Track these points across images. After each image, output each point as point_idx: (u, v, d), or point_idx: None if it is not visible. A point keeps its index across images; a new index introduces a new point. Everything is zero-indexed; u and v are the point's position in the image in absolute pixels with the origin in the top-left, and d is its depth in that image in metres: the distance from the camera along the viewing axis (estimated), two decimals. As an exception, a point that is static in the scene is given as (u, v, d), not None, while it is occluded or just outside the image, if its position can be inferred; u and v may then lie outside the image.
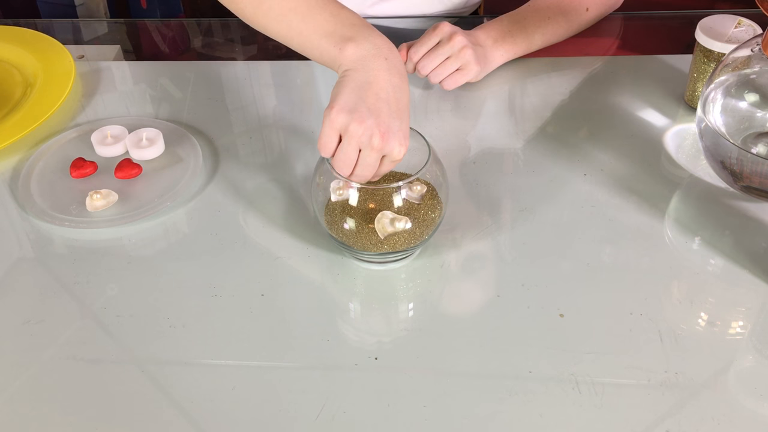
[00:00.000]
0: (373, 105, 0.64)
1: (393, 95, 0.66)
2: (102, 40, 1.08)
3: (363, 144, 0.64)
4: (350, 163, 0.65)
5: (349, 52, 0.67)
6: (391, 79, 0.66)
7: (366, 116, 0.63)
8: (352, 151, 0.64)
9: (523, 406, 0.59)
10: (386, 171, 0.67)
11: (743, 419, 0.58)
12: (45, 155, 0.84)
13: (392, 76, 0.66)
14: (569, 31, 0.97)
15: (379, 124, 0.64)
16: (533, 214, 0.76)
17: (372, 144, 0.63)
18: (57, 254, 0.74)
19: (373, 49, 0.67)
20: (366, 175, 0.66)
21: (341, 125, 0.64)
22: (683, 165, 0.82)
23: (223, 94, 0.94)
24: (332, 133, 0.64)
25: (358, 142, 0.63)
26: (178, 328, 0.66)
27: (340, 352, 0.64)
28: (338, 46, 0.68)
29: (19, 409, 0.60)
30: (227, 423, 0.59)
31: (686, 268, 0.70)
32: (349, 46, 0.67)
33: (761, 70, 0.75)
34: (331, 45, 0.69)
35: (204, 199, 0.79)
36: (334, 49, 0.68)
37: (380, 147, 0.64)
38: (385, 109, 0.65)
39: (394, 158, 0.65)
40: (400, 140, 0.65)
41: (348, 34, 0.68)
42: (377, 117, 0.64)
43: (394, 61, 0.68)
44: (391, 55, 0.68)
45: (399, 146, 0.65)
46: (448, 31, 0.87)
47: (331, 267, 0.71)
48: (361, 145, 0.64)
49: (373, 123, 0.63)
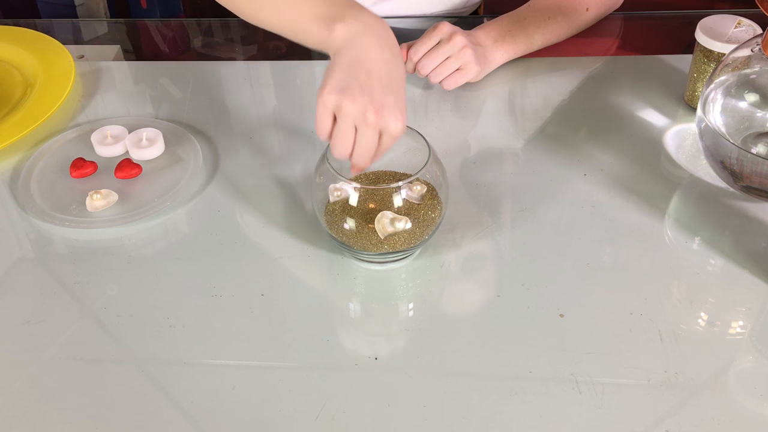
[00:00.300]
0: (365, 82, 0.63)
1: (385, 70, 0.65)
2: (102, 40, 1.08)
3: (358, 121, 0.63)
4: (348, 143, 0.64)
5: (338, 32, 0.67)
6: (382, 55, 0.65)
7: (358, 94, 0.63)
8: (347, 129, 0.63)
9: (523, 406, 0.59)
10: (387, 148, 0.66)
11: (743, 419, 0.58)
12: (45, 155, 0.84)
13: (383, 51, 0.66)
14: (569, 31, 0.97)
15: (373, 100, 0.63)
16: (533, 214, 0.76)
17: (367, 120, 0.62)
18: (57, 254, 0.74)
19: (363, 27, 0.66)
20: (365, 156, 0.65)
21: (334, 105, 0.63)
22: (683, 165, 0.82)
23: (223, 94, 0.94)
24: (325, 113, 0.63)
25: (353, 120, 0.63)
26: (178, 328, 0.66)
27: (340, 352, 0.64)
28: (328, 27, 0.67)
29: (19, 409, 0.60)
30: (227, 423, 0.59)
31: (686, 268, 0.70)
32: (338, 26, 0.67)
33: (761, 70, 0.75)
34: (321, 27, 0.68)
35: (204, 199, 0.79)
36: (324, 30, 0.68)
37: (375, 123, 0.63)
38: (377, 85, 0.64)
39: (392, 133, 0.64)
40: (395, 114, 0.63)
41: (337, 14, 0.68)
42: (370, 93, 0.63)
43: (384, 36, 0.67)
44: (382, 31, 0.67)
45: (395, 121, 0.63)
46: (448, 31, 0.87)
47: (331, 267, 0.71)
48: (356, 123, 0.63)
49: (366, 99, 0.62)
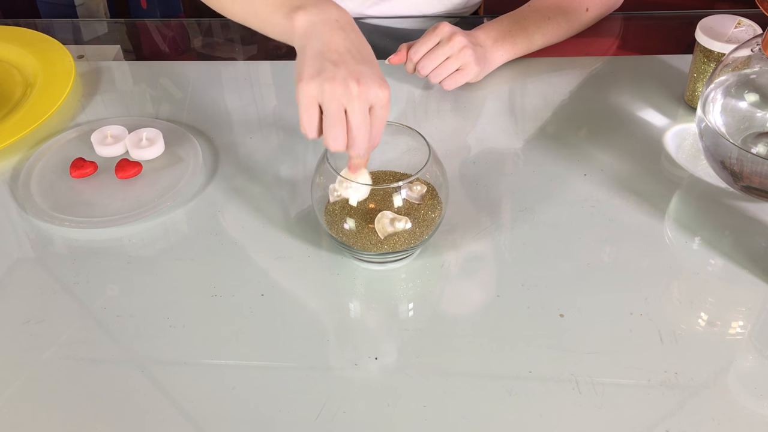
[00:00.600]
0: (338, 59, 0.63)
1: (354, 47, 0.65)
2: (102, 40, 1.08)
3: (344, 98, 0.62)
4: (341, 129, 0.63)
5: (299, 21, 0.67)
6: (347, 36, 0.65)
7: (334, 71, 0.62)
8: (336, 112, 0.62)
9: (523, 406, 0.59)
10: (381, 124, 0.65)
11: (743, 419, 0.58)
12: (45, 155, 0.84)
13: (348, 33, 0.66)
14: (569, 31, 0.97)
15: (351, 72, 0.62)
16: (533, 214, 0.76)
17: (351, 93, 0.62)
18: (57, 254, 0.74)
19: (322, 14, 0.67)
20: (362, 138, 0.63)
21: (315, 92, 0.62)
22: (683, 165, 0.82)
23: (223, 94, 0.94)
24: (309, 104, 0.63)
25: (339, 99, 0.62)
26: (178, 328, 0.66)
27: (340, 352, 0.64)
28: (288, 16, 0.68)
29: (19, 409, 0.60)
30: (227, 423, 0.59)
31: (686, 268, 0.70)
32: (298, 14, 0.67)
33: (761, 70, 0.75)
34: (281, 17, 0.69)
35: (204, 199, 0.79)
36: (285, 20, 0.68)
37: (360, 93, 0.62)
38: (350, 59, 0.63)
39: (380, 101, 0.63)
40: (376, 81, 0.63)
41: (297, 3, 0.68)
42: (346, 67, 0.63)
43: (345, 20, 0.67)
44: (341, 17, 0.67)
45: (379, 88, 0.63)
46: (448, 32, 0.87)
47: (331, 267, 0.71)
48: (343, 101, 0.62)
49: (344, 73, 0.62)
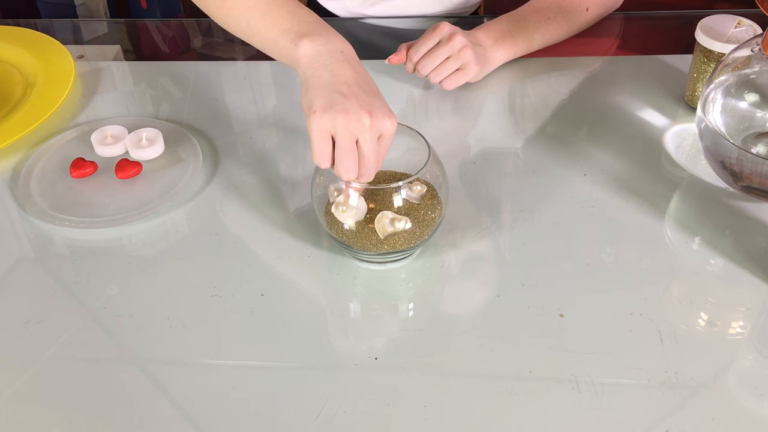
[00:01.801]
0: (348, 92, 0.64)
1: (362, 80, 0.66)
2: (102, 40, 1.08)
3: (356, 130, 0.63)
4: (354, 158, 0.64)
5: (303, 49, 0.68)
6: (353, 68, 0.67)
7: (347, 105, 0.63)
8: (349, 144, 0.63)
9: (523, 406, 0.59)
10: (385, 152, 0.66)
11: (743, 419, 0.58)
12: (45, 155, 0.84)
13: (353, 66, 0.67)
14: (569, 31, 0.97)
15: (362, 105, 0.63)
16: (533, 214, 0.76)
17: (364, 125, 0.63)
18: (57, 254, 0.74)
19: (328, 44, 0.68)
20: (372, 167, 0.65)
21: (328, 125, 0.63)
22: (683, 165, 0.82)
23: (223, 94, 0.94)
24: (323, 137, 0.64)
25: (352, 131, 0.63)
26: (178, 328, 0.66)
27: (340, 352, 0.64)
28: (294, 42, 0.69)
29: (19, 409, 0.60)
30: (227, 423, 0.59)
31: (686, 268, 0.70)
32: (303, 42, 0.68)
33: (761, 70, 0.75)
34: (287, 41, 0.69)
35: (204, 199, 0.79)
36: (290, 45, 0.69)
37: (372, 125, 0.63)
38: (360, 92, 0.65)
39: (388, 132, 0.64)
40: (386, 113, 0.64)
41: (303, 30, 0.69)
42: (357, 99, 0.64)
43: (349, 53, 0.68)
44: (345, 49, 0.68)
45: (387, 119, 0.64)
46: (447, 31, 0.87)
47: (331, 267, 0.71)
48: (355, 133, 0.63)
49: (356, 106, 0.63)
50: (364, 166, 0.65)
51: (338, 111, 0.63)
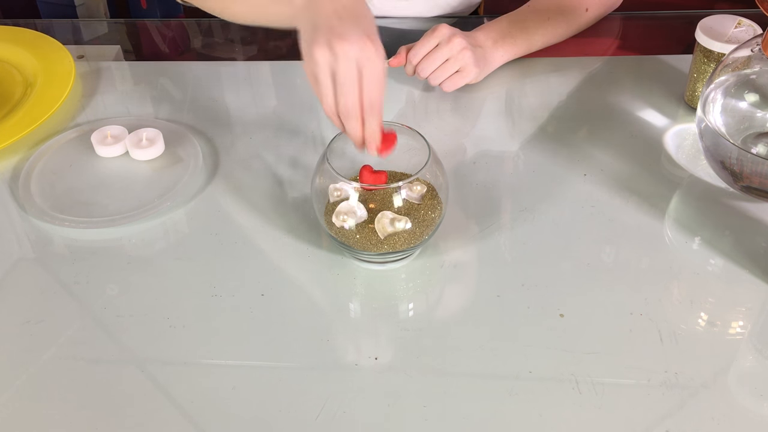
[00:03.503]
0: (324, 25, 0.62)
1: (342, 8, 0.64)
2: (102, 40, 1.08)
3: (330, 61, 0.61)
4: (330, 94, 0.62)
5: (297, 3, 0.67)
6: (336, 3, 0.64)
7: (320, 37, 0.62)
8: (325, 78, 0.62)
9: (523, 406, 0.59)
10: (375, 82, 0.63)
11: (743, 419, 0.58)
12: (45, 155, 0.84)
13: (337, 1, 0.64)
14: (569, 31, 0.97)
15: (333, 33, 0.61)
16: (533, 214, 0.76)
17: (336, 54, 0.61)
18: (57, 254, 0.74)
19: None
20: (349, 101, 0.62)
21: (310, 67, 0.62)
22: (683, 165, 0.82)
23: (223, 94, 0.94)
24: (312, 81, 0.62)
25: (325, 63, 0.61)
26: (178, 328, 0.66)
27: (340, 352, 0.64)
28: (289, 2, 0.68)
29: (19, 409, 0.60)
30: (227, 423, 0.59)
31: (686, 268, 0.70)
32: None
33: (761, 70, 0.75)
34: (283, 5, 0.69)
35: (204, 199, 0.79)
36: (287, 8, 0.68)
37: (345, 51, 0.61)
38: (336, 22, 0.62)
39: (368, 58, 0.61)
40: (361, 38, 0.61)
41: None
42: (330, 31, 0.62)
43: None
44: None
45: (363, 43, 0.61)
46: (446, 33, 0.86)
47: (331, 267, 0.71)
48: (331, 66, 0.61)
49: (328, 37, 0.61)
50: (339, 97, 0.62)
51: (313, 47, 0.61)
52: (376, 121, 0.64)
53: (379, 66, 0.62)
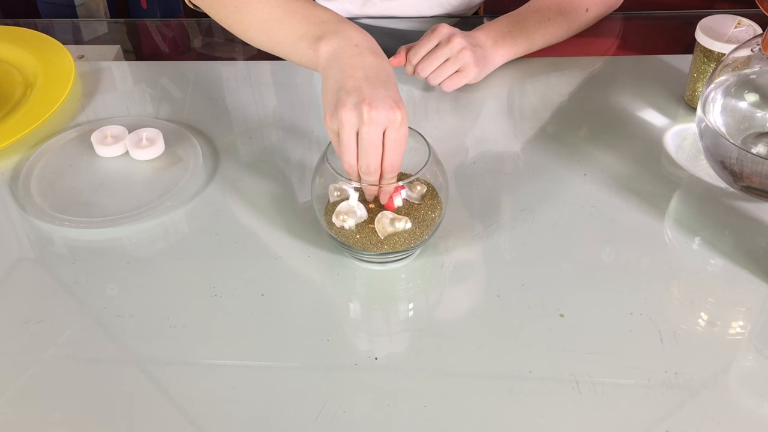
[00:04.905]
0: (352, 87, 0.63)
1: (371, 71, 0.65)
2: (102, 40, 1.08)
3: (356, 123, 0.62)
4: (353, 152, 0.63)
5: (322, 51, 0.68)
6: (364, 61, 0.66)
7: (348, 99, 0.63)
8: (348, 139, 0.63)
9: (523, 406, 0.59)
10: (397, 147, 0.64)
11: (743, 419, 0.58)
12: (45, 155, 0.84)
13: (365, 58, 0.66)
14: (569, 31, 0.97)
15: (363, 98, 0.62)
16: (533, 214, 0.76)
17: (362, 117, 0.62)
18: (57, 254, 0.74)
19: (343, 41, 0.67)
20: (372, 163, 0.64)
21: (335, 125, 0.63)
22: (683, 165, 0.82)
23: (223, 94, 0.94)
24: (335, 138, 0.64)
25: (351, 125, 0.62)
26: (178, 328, 0.66)
27: (340, 352, 0.64)
28: (312, 47, 0.69)
29: (19, 409, 0.60)
30: (227, 423, 0.59)
31: (686, 268, 0.70)
32: (321, 45, 0.68)
33: (761, 70, 0.75)
34: (306, 48, 0.69)
35: (204, 199, 0.79)
36: (309, 51, 0.69)
37: (372, 117, 0.62)
38: (365, 85, 0.64)
39: (394, 124, 0.63)
40: (389, 104, 0.62)
41: (318, 33, 0.69)
42: (359, 94, 0.63)
43: (365, 44, 0.67)
44: (361, 41, 0.67)
45: (391, 110, 0.62)
46: (446, 33, 0.86)
47: (331, 267, 0.71)
48: (357, 128, 0.62)
49: (356, 99, 0.62)
50: (361, 158, 0.63)
51: (338, 108, 0.63)
52: (392, 181, 0.66)
53: (403, 132, 0.64)
